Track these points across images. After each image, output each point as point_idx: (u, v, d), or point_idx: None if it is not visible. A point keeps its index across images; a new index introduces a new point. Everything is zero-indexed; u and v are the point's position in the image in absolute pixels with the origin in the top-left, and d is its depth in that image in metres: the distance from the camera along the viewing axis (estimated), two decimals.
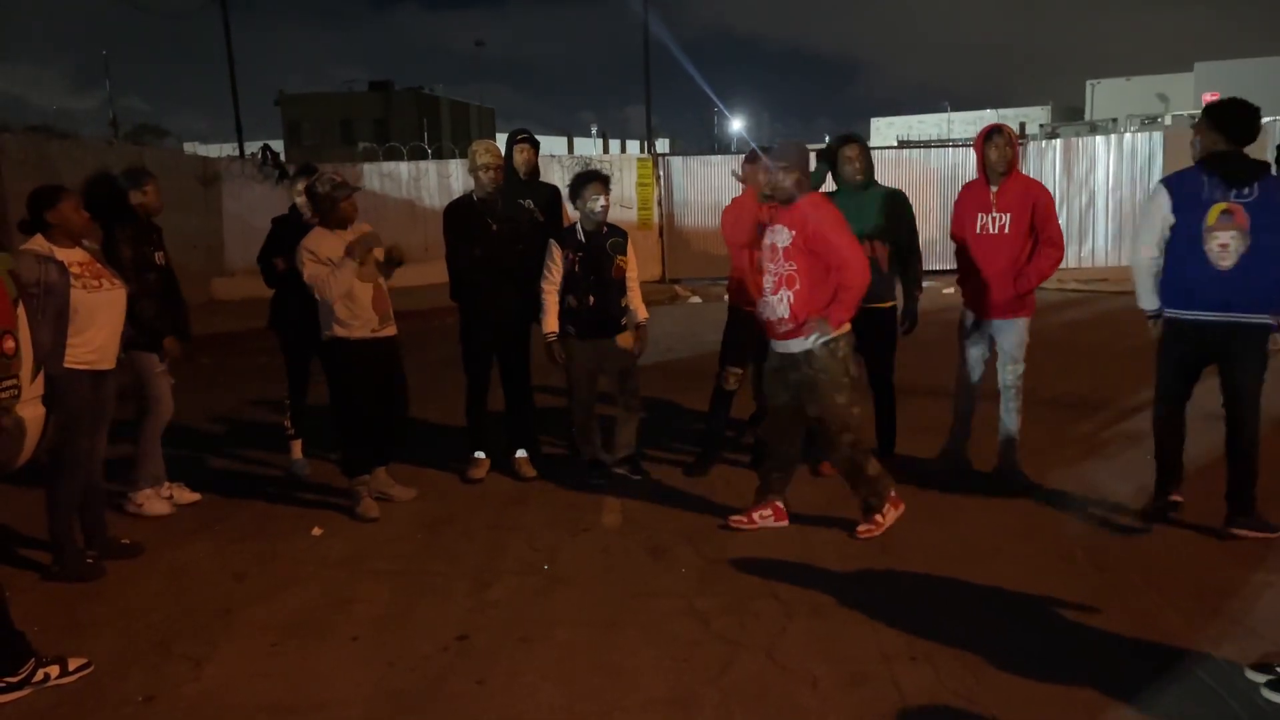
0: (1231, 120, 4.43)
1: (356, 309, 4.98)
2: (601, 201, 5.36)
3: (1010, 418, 5.38)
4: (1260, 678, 3.17)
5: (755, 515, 4.86)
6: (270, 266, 5.80)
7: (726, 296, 5.78)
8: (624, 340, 5.50)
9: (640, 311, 5.60)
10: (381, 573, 4.49)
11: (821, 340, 4.49)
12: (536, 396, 6.07)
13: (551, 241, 5.43)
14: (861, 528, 4.70)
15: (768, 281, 4.57)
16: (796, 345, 4.55)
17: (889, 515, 4.72)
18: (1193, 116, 23.48)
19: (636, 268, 5.65)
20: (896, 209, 5.42)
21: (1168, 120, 33.21)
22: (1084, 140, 17.31)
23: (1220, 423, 4.55)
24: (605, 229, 5.45)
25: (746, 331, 5.41)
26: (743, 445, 6.06)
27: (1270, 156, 3.00)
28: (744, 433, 6.24)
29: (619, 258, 5.45)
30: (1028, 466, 5.42)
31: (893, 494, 4.75)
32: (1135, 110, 44.33)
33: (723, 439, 5.68)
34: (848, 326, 4.56)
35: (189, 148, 43.50)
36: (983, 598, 4.02)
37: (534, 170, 6.05)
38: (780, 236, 4.52)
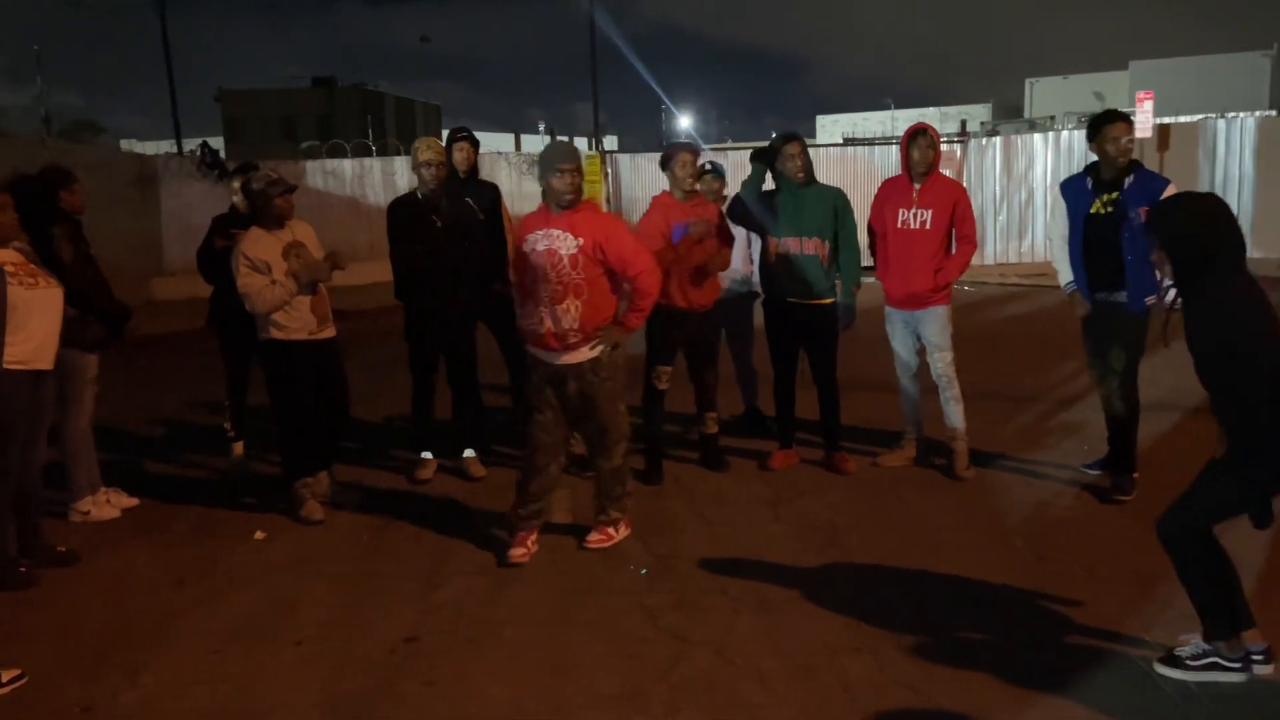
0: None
1: (294, 311, 4.91)
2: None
3: (951, 407, 5.48)
4: (1164, 653, 3.32)
5: (529, 543, 4.57)
6: (209, 264, 5.70)
7: None
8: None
9: None
10: (327, 576, 4.44)
11: (609, 349, 4.44)
12: (484, 395, 6.04)
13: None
14: (593, 537, 4.66)
15: (544, 291, 4.30)
16: (580, 355, 4.41)
17: (621, 531, 4.71)
18: (1129, 113, 24.09)
19: None
20: (836, 207, 5.48)
21: None
22: (1023, 138, 17.62)
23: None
24: None
25: (673, 328, 5.42)
26: (690, 441, 6.08)
27: (1200, 154, 3.14)
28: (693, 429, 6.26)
29: None
30: (972, 457, 5.51)
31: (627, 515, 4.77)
32: (1072, 108, 45.32)
33: (662, 438, 5.68)
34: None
35: (126, 145, 42.47)
36: (926, 588, 4.09)
37: (473, 168, 6.01)
38: (563, 244, 4.30)
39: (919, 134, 5.35)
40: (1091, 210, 4.93)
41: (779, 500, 5.22)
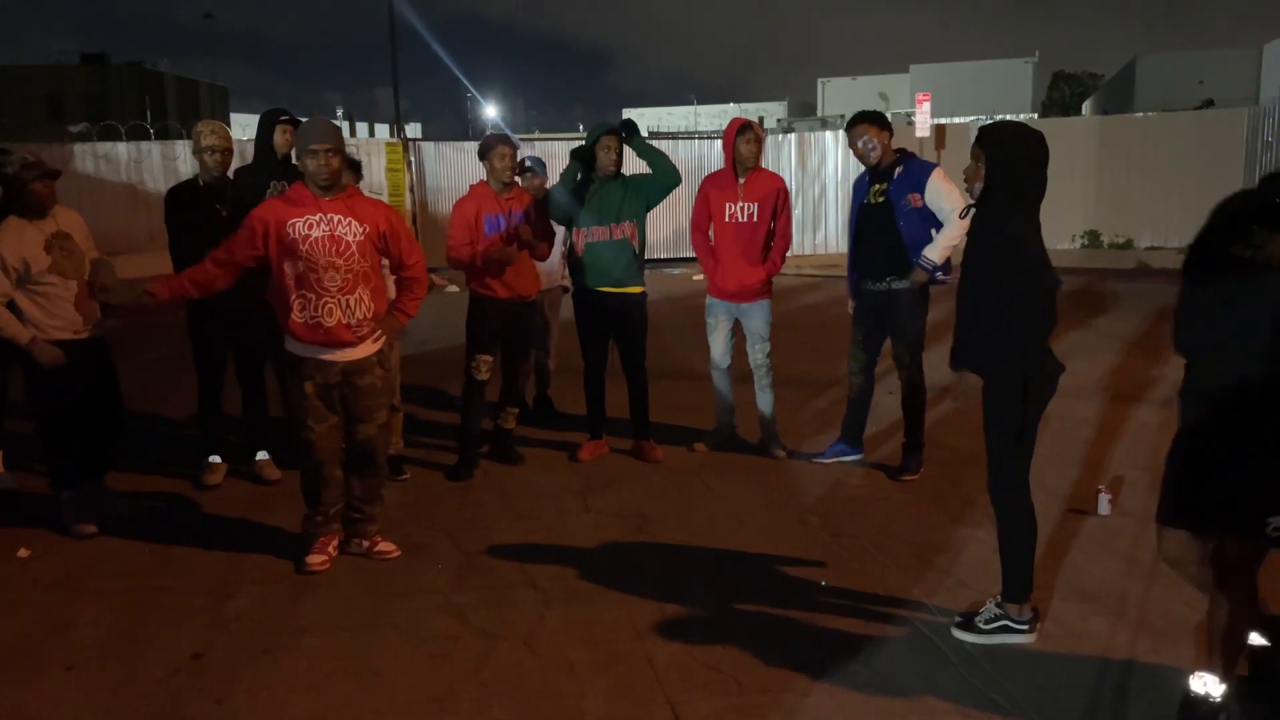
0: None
1: (54, 308, 4.49)
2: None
3: (764, 394, 5.73)
4: (957, 618, 3.56)
5: (329, 549, 4.36)
6: None
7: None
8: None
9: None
10: (103, 592, 4.10)
11: (388, 340, 4.34)
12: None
13: None
14: (384, 546, 4.44)
15: (331, 280, 4.05)
16: (367, 349, 4.22)
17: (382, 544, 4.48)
18: (909, 114, 25.66)
19: None
20: (640, 184, 5.56)
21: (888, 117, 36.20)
22: (816, 135, 18.51)
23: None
24: None
25: (493, 317, 5.38)
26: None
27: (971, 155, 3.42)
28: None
29: None
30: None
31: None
32: (860, 107, 47.88)
33: (479, 434, 5.61)
34: None
35: None
36: (730, 568, 4.22)
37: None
38: (348, 230, 4.08)
39: (745, 128, 5.50)
40: (865, 201, 5.22)
41: (589, 490, 5.25)
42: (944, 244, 4.97)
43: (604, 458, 5.78)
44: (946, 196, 5.00)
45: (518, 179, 5.57)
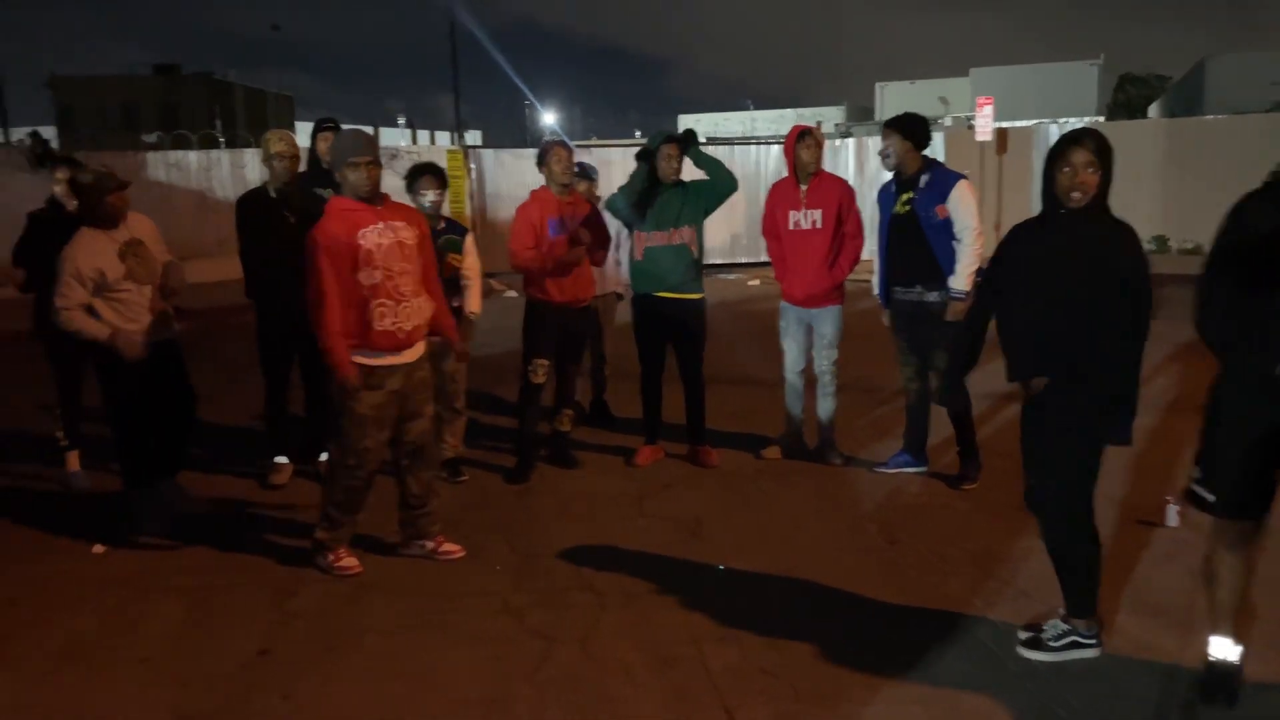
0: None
1: (130, 313, 4.63)
2: (431, 196, 5.26)
3: (826, 401, 5.70)
4: (1023, 635, 3.48)
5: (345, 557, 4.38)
6: (27, 268, 5.32)
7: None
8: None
9: (470, 305, 5.50)
10: (173, 589, 4.21)
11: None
12: None
13: None
14: (449, 547, 4.50)
15: (407, 284, 4.13)
16: (419, 350, 4.29)
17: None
18: (969, 118, 25.32)
19: (476, 265, 5.55)
20: (700, 189, 5.57)
21: (948, 121, 35.69)
22: (875, 139, 18.31)
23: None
24: (442, 225, 5.34)
25: (549, 322, 5.43)
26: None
27: (1035, 157, 3.37)
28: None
29: (451, 256, 5.33)
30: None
31: None
32: (919, 111, 47.29)
33: (537, 437, 5.66)
34: None
35: None
36: (785, 575, 4.20)
37: None
38: (407, 235, 4.17)
39: (805, 134, 5.50)
40: (895, 210, 5.18)
41: (644, 495, 5.27)
42: (967, 271, 4.95)
43: (660, 463, 5.79)
44: (966, 212, 4.98)
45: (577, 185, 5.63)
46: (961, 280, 4.96)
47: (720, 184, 5.55)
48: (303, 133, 5.71)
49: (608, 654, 3.54)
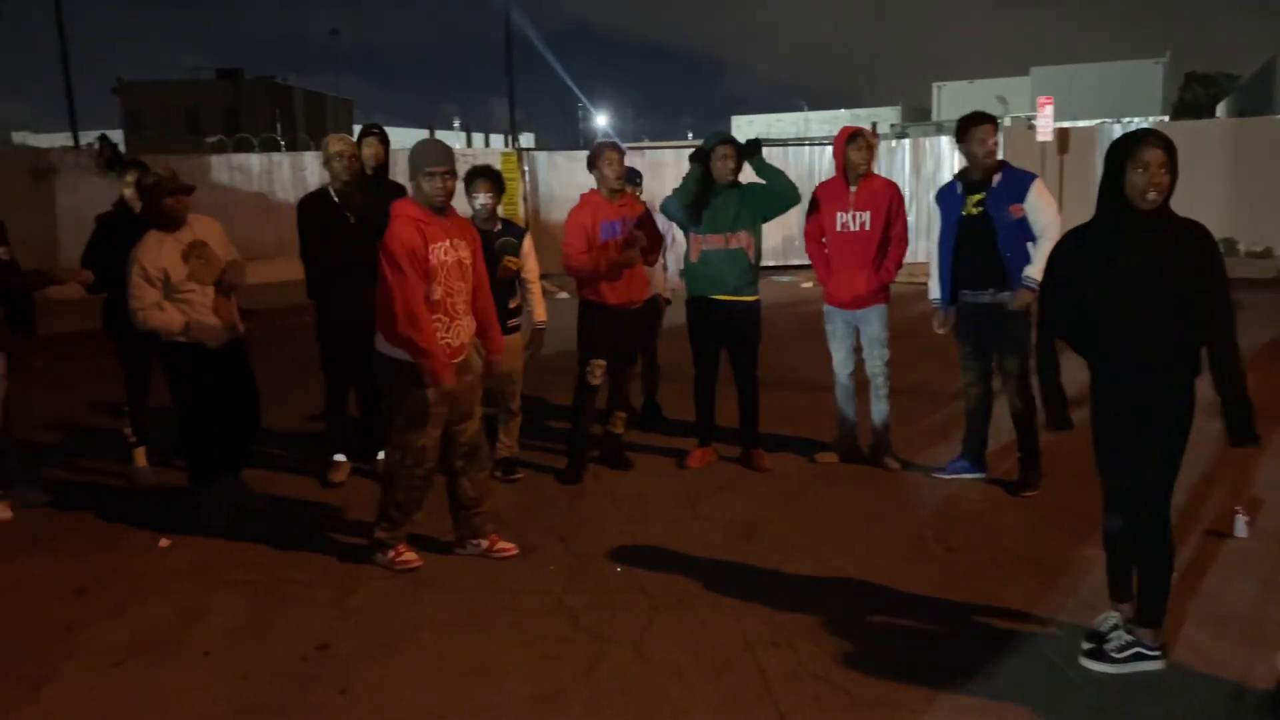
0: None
1: (195, 314, 4.74)
2: (481, 199, 5.30)
3: (880, 404, 5.64)
4: (1086, 645, 3.41)
5: (405, 552, 4.45)
6: (99, 268, 5.48)
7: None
8: (512, 342, 5.39)
9: (536, 313, 5.54)
10: (236, 583, 4.31)
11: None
12: None
13: None
14: (504, 545, 4.54)
15: (462, 302, 4.27)
16: (464, 352, 4.38)
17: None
18: (1029, 118, 24.88)
19: (536, 267, 5.59)
20: (757, 192, 5.52)
21: (1007, 121, 35.06)
22: (931, 140, 18.08)
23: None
24: (499, 227, 5.38)
25: (603, 323, 5.44)
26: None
27: (1097, 158, 3.28)
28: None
29: (507, 258, 5.38)
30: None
31: None
32: (978, 112, 46.51)
33: (590, 438, 5.68)
34: None
35: (17, 138, 40.56)
36: (840, 578, 4.17)
37: (382, 166, 5.89)
38: (465, 253, 4.27)
39: (856, 135, 5.44)
40: (963, 213, 5.07)
41: (697, 497, 5.26)
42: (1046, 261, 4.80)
43: (712, 465, 5.78)
44: (1047, 209, 4.89)
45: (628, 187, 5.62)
46: (1039, 269, 4.78)
47: (781, 196, 5.48)
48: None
49: (661, 656, 3.54)
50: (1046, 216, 4.87)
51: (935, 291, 5.27)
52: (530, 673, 3.46)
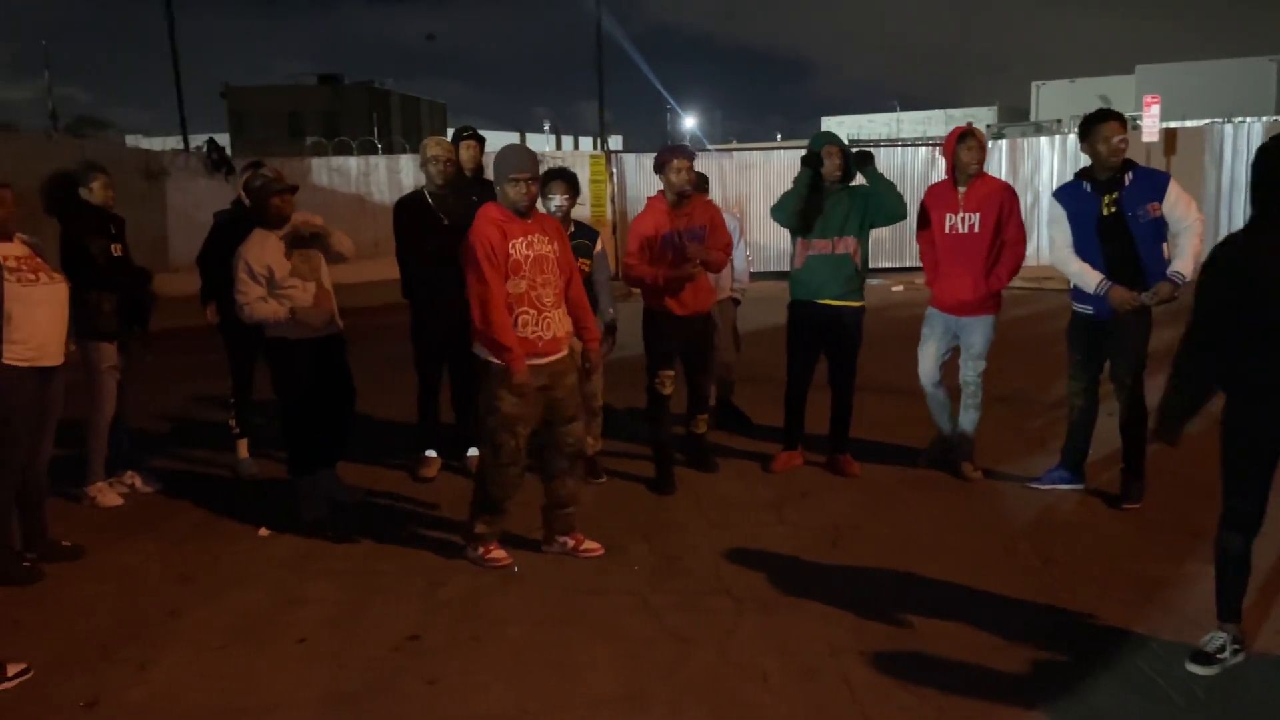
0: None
1: (298, 311, 4.90)
2: (557, 200, 5.32)
3: (970, 413, 5.49)
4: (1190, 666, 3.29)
5: (495, 549, 4.52)
6: (209, 271, 5.71)
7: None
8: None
9: (608, 312, 5.54)
10: (331, 573, 4.44)
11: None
12: None
13: None
14: (590, 545, 4.60)
15: (549, 295, 4.29)
16: (562, 348, 4.41)
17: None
18: (1134, 118, 24.02)
19: (607, 269, 5.61)
20: (865, 195, 5.41)
21: None
22: (1029, 140, 17.61)
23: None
24: (571, 229, 5.42)
25: (669, 333, 5.40)
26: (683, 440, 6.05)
27: (1206, 158, 3.16)
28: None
29: (581, 260, 5.40)
30: (979, 459, 5.54)
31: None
32: (1078, 111, 44.82)
33: (672, 443, 5.65)
34: None
35: (131, 140, 42.48)
36: (930, 589, 4.09)
37: (479, 168, 6.00)
38: (549, 249, 4.32)
39: (967, 135, 5.28)
40: (1101, 213, 4.80)
41: (783, 502, 5.22)
42: (1196, 256, 4.55)
43: (798, 469, 5.72)
44: (1187, 206, 4.68)
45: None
46: (1189, 264, 4.61)
47: (890, 210, 5.35)
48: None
49: (746, 660, 3.52)
50: (1189, 213, 4.68)
51: (1091, 285, 4.81)
52: (614, 672, 3.48)
